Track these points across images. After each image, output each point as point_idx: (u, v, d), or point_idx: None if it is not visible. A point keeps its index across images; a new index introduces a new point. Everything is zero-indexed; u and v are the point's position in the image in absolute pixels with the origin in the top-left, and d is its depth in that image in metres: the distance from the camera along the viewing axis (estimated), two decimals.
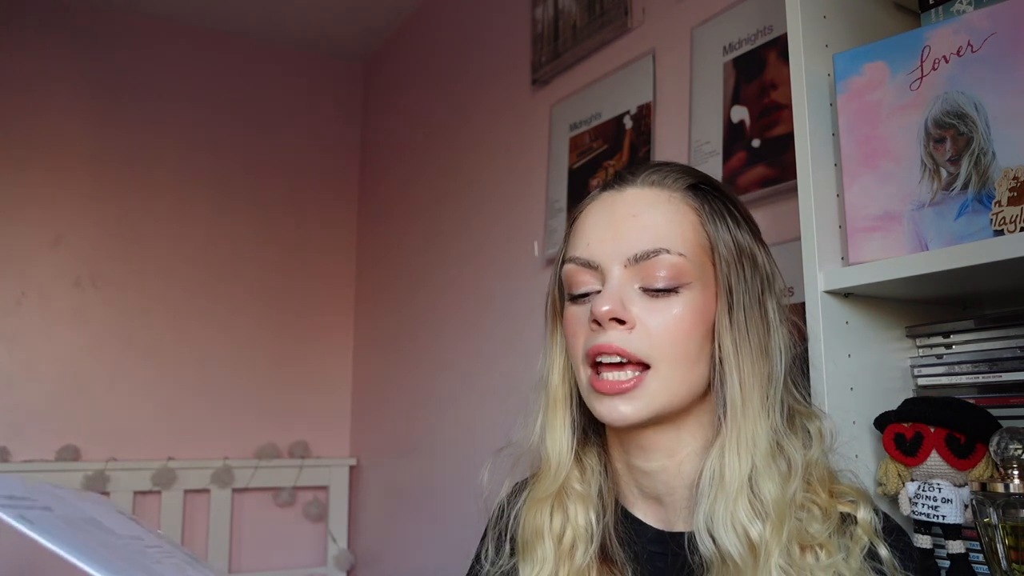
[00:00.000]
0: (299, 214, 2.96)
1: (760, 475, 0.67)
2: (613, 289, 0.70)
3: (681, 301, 0.70)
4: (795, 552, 0.66)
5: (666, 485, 0.74)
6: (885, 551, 0.67)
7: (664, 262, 0.69)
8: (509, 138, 2.18)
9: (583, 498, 0.76)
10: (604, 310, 0.68)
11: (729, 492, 0.67)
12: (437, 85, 2.62)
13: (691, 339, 0.70)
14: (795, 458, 0.69)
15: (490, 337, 2.17)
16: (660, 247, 0.70)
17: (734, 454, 0.68)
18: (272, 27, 2.89)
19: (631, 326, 0.69)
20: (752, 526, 0.66)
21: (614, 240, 0.72)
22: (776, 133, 1.37)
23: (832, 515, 0.68)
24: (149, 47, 2.77)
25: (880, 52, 0.86)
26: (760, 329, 0.71)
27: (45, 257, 2.53)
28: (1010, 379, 0.82)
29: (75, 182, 2.60)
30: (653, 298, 0.70)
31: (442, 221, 2.49)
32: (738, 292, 0.71)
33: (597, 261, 0.72)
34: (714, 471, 0.69)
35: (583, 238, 0.74)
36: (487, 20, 2.35)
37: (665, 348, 0.69)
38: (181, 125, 2.78)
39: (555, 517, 0.75)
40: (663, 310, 0.69)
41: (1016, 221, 0.72)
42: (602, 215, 0.74)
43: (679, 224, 0.71)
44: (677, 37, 1.62)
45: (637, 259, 0.70)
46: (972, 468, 0.79)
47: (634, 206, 0.73)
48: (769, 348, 0.71)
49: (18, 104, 2.54)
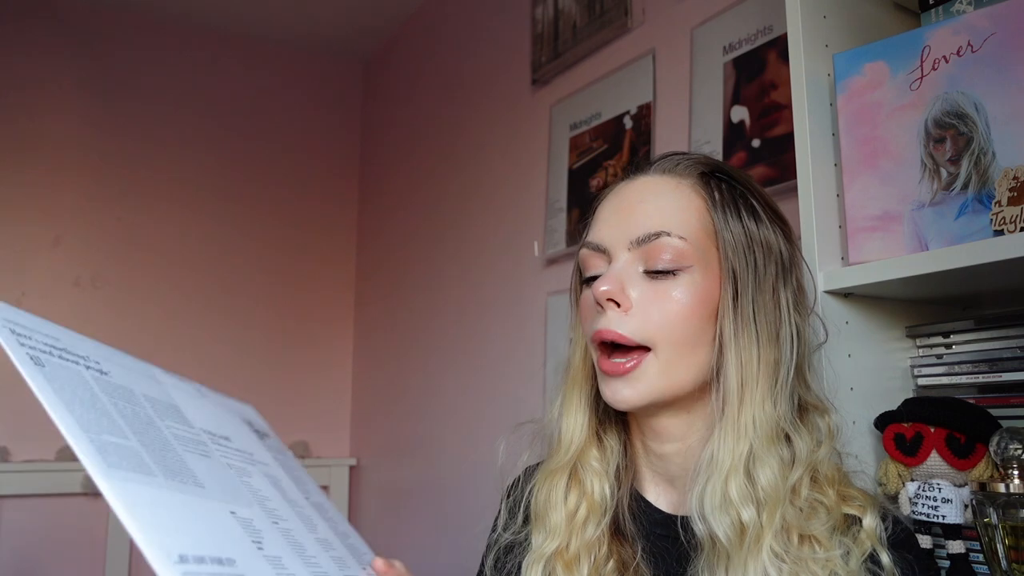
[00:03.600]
0: (299, 214, 2.96)
1: (758, 459, 0.68)
2: (615, 271, 0.71)
3: (681, 284, 0.70)
4: (793, 539, 0.66)
5: (680, 467, 0.75)
6: (887, 560, 0.66)
7: (665, 244, 0.70)
8: (509, 138, 2.18)
9: (599, 474, 0.77)
10: (601, 291, 0.70)
11: (720, 473, 0.67)
12: (437, 85, 2.62)
13: (690, 322, 0.70)
14: (800, 449, 0.69)
15: (490, 337, 2.17)
16: (661, 230, 0.71)
17: (729, 436, 0.69)
18: (272, 27, 2.89)
19: (627, 308, 0.70)
20: (744, 509, 0.66)
21: (620, 225, 0.73)
22: (776, 133, 1.37)
23: (836, 516, 0.68)
24: (149, 47, 2.77)
25: (880, 52, 0.86)
26: (770, 316, 0.71)
27: (45, 257, 2.53)
28: (1010, 379, 0.82)
29: (75, 182, 2.60)
30: (654, 280, 0.71)
31: (442, 221, 2.49)
32: (744, 279, 0.71)
33: (605, 245, 0.74)
34: (711, 453, 0.70)
35: (596, 223, 0.76)
36: (487, 20, 2.35)
37: (664, 331, 0.70)
38: (181, 125, 2.78)
39: (571, 491, 0.76)
40: (663, 292, 0.70)
41: (1016, 221, 0.72)
42: (614, 201, 0.76)
43: (683, 210, 0.72)
44: (677, 37, 1.62)
45: (640, 242, 0.71)
46: (972, 468, 0.79)
47: (642, 192, 0.75)
48: (779, 336, 0.71)
49: (18, 104, 2.54)
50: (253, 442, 0.75)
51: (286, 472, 0.76)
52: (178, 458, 0.58)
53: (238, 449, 0.70)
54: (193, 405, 0.70)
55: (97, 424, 0.52)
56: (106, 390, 0.57)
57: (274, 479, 0.71)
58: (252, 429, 0.79)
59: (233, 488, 0.61)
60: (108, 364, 0.62)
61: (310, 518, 0.71)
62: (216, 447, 0.66)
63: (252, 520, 0.59)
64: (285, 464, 0.78)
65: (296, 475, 0.78)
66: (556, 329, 1.87)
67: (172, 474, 0.55)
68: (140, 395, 0.62)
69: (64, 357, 0.57)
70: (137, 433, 0.56)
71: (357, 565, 0.70)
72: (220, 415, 0.74)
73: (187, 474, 0.57)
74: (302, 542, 0.64)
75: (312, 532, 0.68)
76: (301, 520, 0.68)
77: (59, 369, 0.55)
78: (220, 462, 0.64)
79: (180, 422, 0.64)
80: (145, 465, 0.53)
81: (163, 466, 0.55)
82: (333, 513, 0.78)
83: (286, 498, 0.70)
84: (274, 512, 0.64)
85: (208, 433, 0.67)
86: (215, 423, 0.71)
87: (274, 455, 0.78)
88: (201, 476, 0.58)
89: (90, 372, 0.58)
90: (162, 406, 0.64)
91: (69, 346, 0.59)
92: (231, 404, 0.82)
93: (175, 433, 0.61)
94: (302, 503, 0.72)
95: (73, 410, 0.51)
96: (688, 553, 0.71)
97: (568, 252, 1.85)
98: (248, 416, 0.83)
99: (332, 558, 0.66)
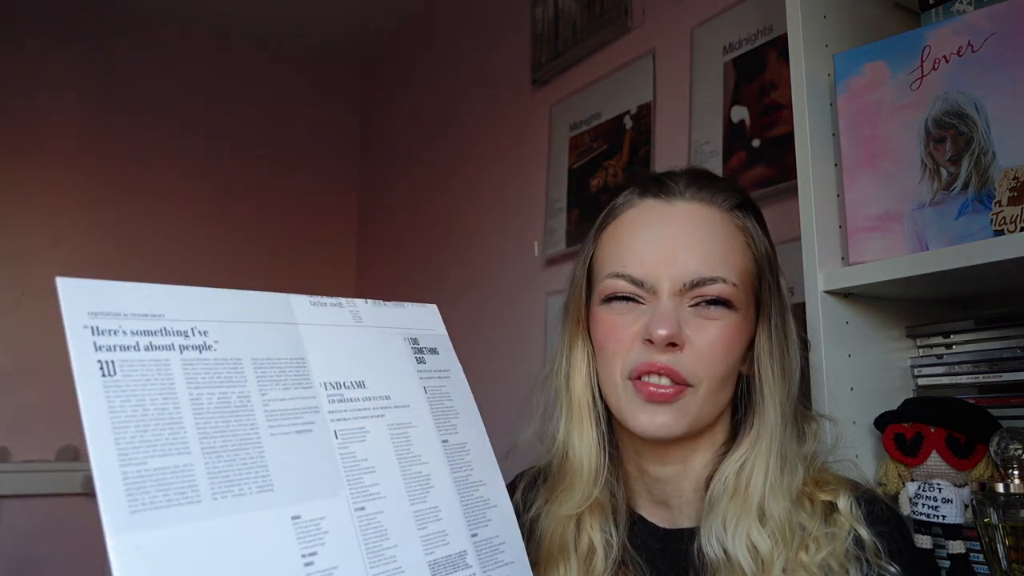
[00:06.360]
0: (299, 214, 2.96)
1: (773, 491, 0.68)
2: (669, 312, 0.69)
3: (727, 325, 0.70)
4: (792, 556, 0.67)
5: (675, 488, 0.75)
6: (867, 536, 0.67)
7: (719, 289, 0.69)
8: (509, 138, 2.17)
9: (601, 505, 0.76)
10: (663, 334, 0.67)
11: (749, 510, 0.68)
12: (437, 85, 2.62)
13: (728, 362, 0.70)
14: (797, 467, 0.70)
15: (490, 337, 2.17)
16: (716, 276, 0.69)
17: (760, 474, 0.69)
18: (272, 27, 2.89)
19: (683, 347, 0.69)
20: (762, 541, 0.67)
21: (669, 264, 0.70)
22: (776, 133, 1.37)
23: (818, 504, 0.69)
24: (149, 47, 2.77)
25: (880, 52, 0.86)
26: (784, 347, 0.72)
27: (45, 257, 2.53)
28: (1010, 379, 0.82)
29: (75, 183, 2.60)
30: (703, 319, 0.70)
31: (442, 221, 2.48)
32: (774, 314, 0.72)
33: (652, 283, 0.70)
34: (728, 483, 0.70)
35: (633, 253, 0.72)
36: (487, 20, 2.35)
37: (709, 368, 0.69)
38: (181, 126, 2.78)
39: (579, 529, 0.75)
40: (710, 331, 0.69)
41: (1016, 221, 0.72)
42: (652, 229, 0.72)
43: (731, 250, 0.71)
44: (677, 37, 1.62)
45: (693, 285, 0.69)
46: (972, 468, 0.79)
47: (686, 225, 0.72)
48: (792, 366, 0.72)
49: (18, 105, 2.54)
50: (403, 374, 0.70)
51: (432, 408, 0.70)
52: (255, 454, 0.56)
53: (369, 396, 0.65)
54: (329, 347, 0.66)
55: (149, 445, 0.50)
56: (195, 379, 0.55)
57: (403, 428, 0.66)
58: (414, 349, 0.73)
59: (320, 473, 0.59)
60: (219, 329, 0.59)
61: (428, 479, 0.66)
62: (332, 407, 0.62)
63: (322, 519, 0.57)
64: (437, 394, 0.72)
65: (446, 407, 0.72)
66: (556, 329, 1.87)
67: (229, 485, 0.53)
68: (248, 363, 0.59)
69: (153, 346, 0.54)
70: (208, 436, 0.54)
71: (465, 530, 0.66)
72: (368, 347, 0.69)
73: (255, 476, 0.55)
74: (388, 527, 0.60)
75: (418, 502, 0.64)
76: (409, 488, 0.64)
77: (135, 371, 0.52)
78: (323, 435, 0.60)
79: (293, 384, 0.61)
80: (193, 487, 0.51)
81: (223, 477, 0.53)
82: (476, 454, 0.72)
83: (408, 454, 0.65)
84: (369, 489, 0.61)
85: (331, 386, 0.63)
86: (353, 364, 0.66)
87: (427, 382, 0.72)
88: (276, 472, 0.56)
89: (185, 355, 0.55)
90: (275, 369, 0.60)
91: (172, 320, 0.56)
92: (401, 316, 0.75)
93: (273, 409, 0.58)
94: (429, 454, 0.67)
95: (124, 433, 0.50)
96: (687, 565, 0.71)
97: (568, 252, 1.85)
98: (419, 327, 0.76)
99: (423, 536, 0.62)
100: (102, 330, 0.52)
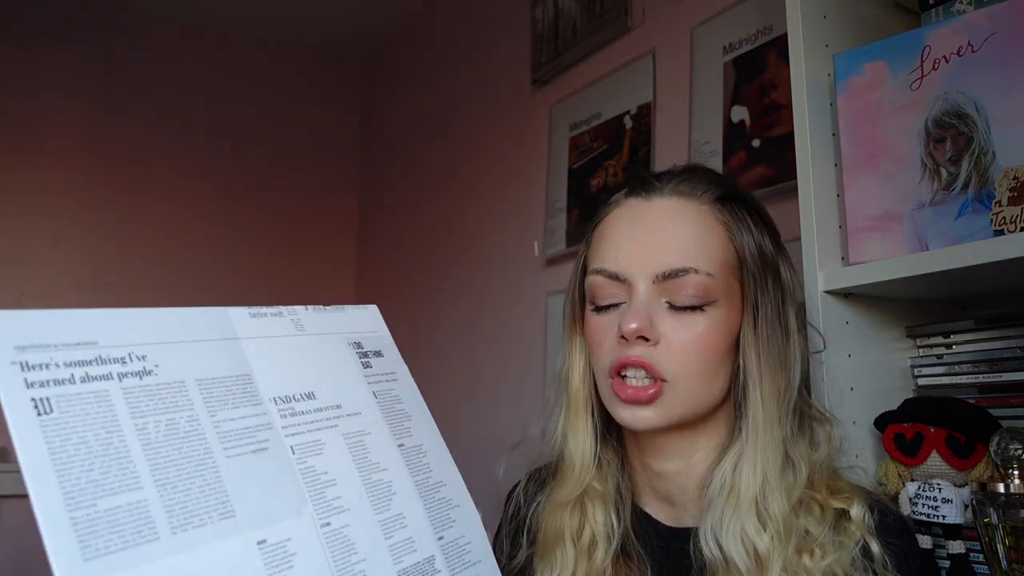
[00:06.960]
0: (299, 214, 2.96)
1: (770, 488, 0.68)
2: (641, 305, 0.70)
3: (706, 319, 0.70)
4: (794, 558, 0.67)
5: (679, 487, 0.75)
6: (877, 548, 0.67)
7: (692, 281, 0.69)
8: (509, 138, 2.18)
9: (602, 497, 0.76)
10: (632, 327, 0.68)
11: (741, 507, 0.68)
12: (437, 85, 2.62)
13: (713, 356, 0.70)
14: (801, 466, 0.70)
15: (490, 336, 2.17)
16: (688, 266, 0.69)
17: (750, 469, 0.69)
18: (272, 27, 2.89)
19: (656, 342, 0.69)
20: (760, 539, 0.66)
21: (643, 255, 0.71)
22: (776, 133, 1.37)
23: (828, 512, 0.69)
24: (149, 48, 2.77)
25: (880, 52, 0.86)
26: (780, 340, 0.72)
27: (45, 257, 2.53)
28: (1010, 379, 0.82)
29: (75, 183, 2.60)
30: (679, 314, 0.70)
31: (442, 221, 2.48)
32: (763, 306, 0.72)
33: (625, 275, 0.71)
34: (724, 480, 0.70)
35: (610, 249, 0.73)
36: (487, 20, 2.35)
37: (686, 364, 0.70)
38: (181, 126, 2.78)
39: (575, 518, 0.76)
40: (688, 327, 0.69)
41: (1016, 221, 0.72)
42: (629, 225, 0.73)
43: (707, 241, 0.71)
44: (677, 37, 1.62)
45: (665, 276, 0.70)
46: (972, 468, 0.79)
47: (662, 219, 0.72)
48: (788, 359, 0.72)
49: (18, 105, 2.54)
50: (351, 381, 0.69)
51: (384, 413, 0.70)
52: (212, 480, 0.53)
53: (320, 407, 0.64)
54: (274, 360, 0.64)
55: (97, 484, 0.48)
56: (138, 408, 0.52)
57: (359, 437, 0.66)
58: (359, 353, 0.72)
59: (282, 491, 0.57)
60: (158, 352, 0.56)
61: (389, 486, 0.65)
62: (284, 422, 0.61)
63: (288, 540, 0.55)
64: (387, 397, 0.71)
65: (397, 410, 0.71)
66: (556, 329, 1.87)
67: (188, 516, 0.51)
68: (192, 385, 0.56)
69: (90, 376, 0.51)
70: (160, 467, 0.51)
71: (431, 534, 0.65)
72: (313, 356, 0.67)
73: (215, 503, 0.53)
74: (355, 540, 0.59)
75: (382, 511, 0.63)
76: (372, 497, 0.63)
77: (73, 406, 0.49)
78: (279, 452, 0.59)
79: (242, 403, 0.59)
80: (149, 525, 0.48)
81: (180, 509, 0.51)
82: (433, 455, 0.72)
83: (366, 462, 0.65)
84: (332, 503, 0.60)
85: (281, 400, 0.62)
86: (301, 375, 0.65)
87: (376, 387, 0.71)
88: (236, 495, 0.54)
89: (124, 383, 0.52)
90: (222, 388, 0.58)
91: (107, 346, 0.53)
92: (343, 321, 0.74)
93: (225, 430, 0.56)
94: (388, 460, 0.67)
95: (68, 474, 0.47)
96: (692, 564, 0.71)
97: (568, 252, 1.85)
98: (362, 330, 0.75)
99: (391, 546, 0.62)
100: (32, 364, 0.48)
